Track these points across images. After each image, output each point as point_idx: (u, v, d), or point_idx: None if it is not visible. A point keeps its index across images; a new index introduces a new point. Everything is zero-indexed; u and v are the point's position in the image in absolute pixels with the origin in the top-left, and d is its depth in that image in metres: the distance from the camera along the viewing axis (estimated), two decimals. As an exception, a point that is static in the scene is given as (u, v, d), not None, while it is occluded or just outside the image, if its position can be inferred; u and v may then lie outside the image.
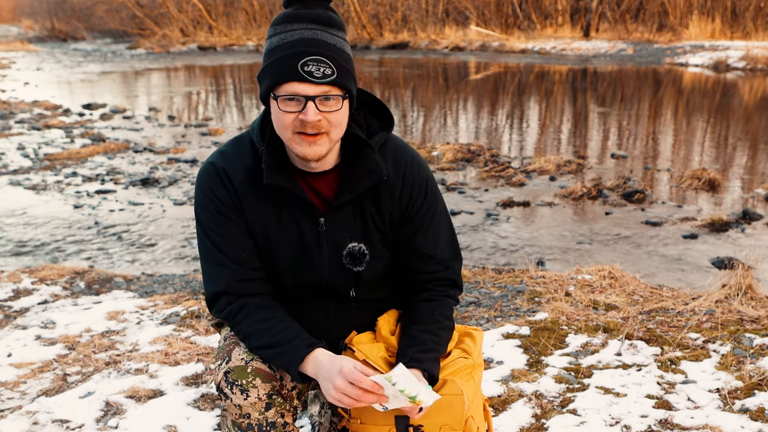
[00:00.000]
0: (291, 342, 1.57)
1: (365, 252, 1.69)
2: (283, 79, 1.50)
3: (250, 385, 1.56)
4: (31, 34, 37.32)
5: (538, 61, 20.65)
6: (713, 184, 6.81)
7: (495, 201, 6.49)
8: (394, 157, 1.70)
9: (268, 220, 1.66)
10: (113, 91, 15.82)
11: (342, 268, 1.69)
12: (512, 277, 4.14)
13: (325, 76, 1.49)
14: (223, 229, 1.66)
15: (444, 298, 1.76)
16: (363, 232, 1.69)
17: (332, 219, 1.67)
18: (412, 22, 27.87)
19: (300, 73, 1.48)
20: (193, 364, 2.95)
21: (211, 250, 1.67)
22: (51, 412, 2.59)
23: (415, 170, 1.72)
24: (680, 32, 22.40)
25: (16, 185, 7.28)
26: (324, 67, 1.49)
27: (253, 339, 1.61)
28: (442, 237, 1.75)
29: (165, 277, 4.44)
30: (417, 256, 1.73)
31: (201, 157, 8.57)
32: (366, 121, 1.71)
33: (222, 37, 29.60)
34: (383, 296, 1.80)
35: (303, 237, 1.67)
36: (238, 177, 1.65)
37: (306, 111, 1.50)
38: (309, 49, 1.49)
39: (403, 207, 1.70)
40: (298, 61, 1.48)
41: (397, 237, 1.73)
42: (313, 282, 1.71)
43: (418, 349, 1.64)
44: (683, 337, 3.07)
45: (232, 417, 1.60)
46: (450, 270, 1.76)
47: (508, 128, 10.91)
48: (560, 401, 2.58)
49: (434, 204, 1.75)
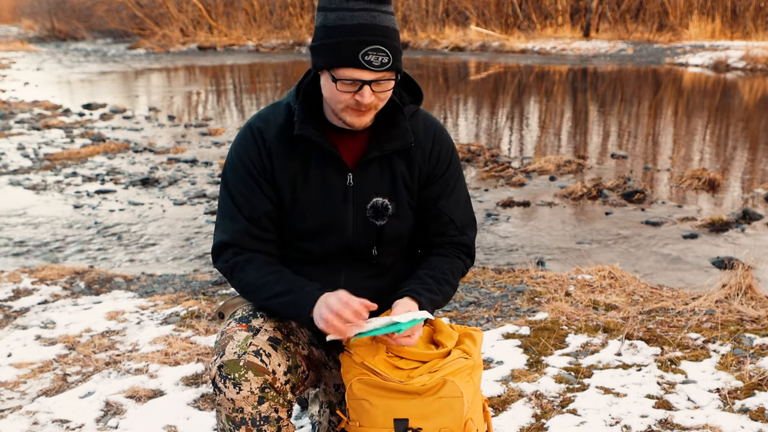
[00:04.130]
0: (302, 289, 1.65)
1: (388, 206, 1.76)
2: (343, 65, 1.57)
3: (243, 379, 1.57)
4: (31, 34, 37.32)
5: (538, 61, 20.65)
6: (713, 184, 6.81)
7: (495, 201, 6.49)
8: (424, 123, 1.81)
9: (297, 175, 1.73)
10: (113, 91, 15.82)
11: (366, 222, 1.75)
12: (512, 277, 4.14)
13: (383, 65, 1.58)
14: (246, 188, 1.73)
15: (456, 258, 1.83)
16: (390, 189, 1.76)
17: (360, 175, 1.74)
18: (412, 22, 27.86)
19: (360, 62, 1.56)
20: (193, 364, 2.95)
21: (228, 205, 1.75)
22: (51, 412, 2.59)
23: (444, 137, 1.83)
24: (680, 32, 22.40)
25: (16, 185, 7.28)
26: (382, 56, 1.57)
27: (264, 289, 1.69)
28: (462, 203, 1.85)
29: (165, 277, 4.44)
30: (438, 218, 1.82)
31: (201, 157, 8.57)
32: (399, 92, 1.79)
33: (222, 37, 29.59)
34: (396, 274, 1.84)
35: (331, 192, 1.74)
36: (270, 135, 1.73)
37: (362, 93, 1.60)
38: (369, 38, 1.56)
39: (432, 166, 1.80)
40: (358, 51, 1.56)
41: (422, 198, 1.81)
42: (336, 241, 1.75)
43: (421, 286, 1.73)
44: (683, 337, 3.07)
45: (225, 411, 1.60)
46: (465, 236, 1.85)
47: (508, 128, 10.91)
48: (560, 401, 2.58)
49: (458, 171, 1.86)
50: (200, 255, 5.18)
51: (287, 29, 29.29)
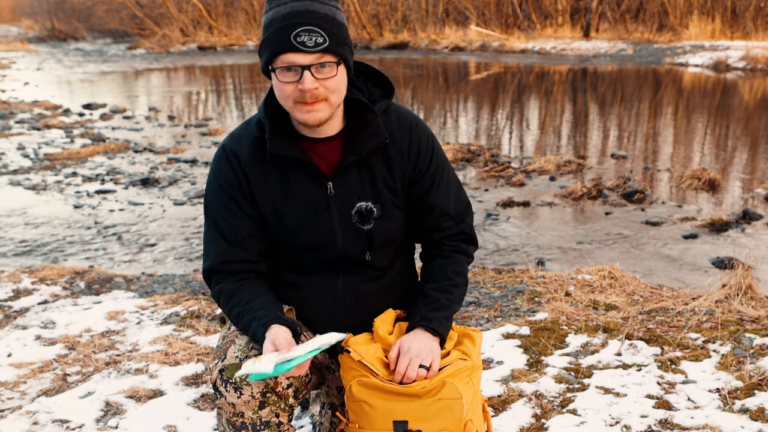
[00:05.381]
0: (250, 329, 1.64)
1: (372, 209, 1.73)
2: (278, 50, 1.55)
3: (244, 383, 1.57)
4: (31, 34, 37.32)
5: (538, 61, 20.64)
6: (713, 184, 6.81)
7: (495, 201, 6.49)
8: (397, 119, 1.76)
9: (276, 192, 1.71)
10: (113, 91, 15.82)
11: (354, 229, 1.73)
12: (512, 277, 4.14)
13: (318, 45, 1.54)
14: (224, 210, 1.72)
15: (456, 254, 1.82)
16: (372, 192, 1.73)
17: (340, 182, 1.71)
18: (412, 22, 27.86)
19: (293, 43, 1.54)
20: (193, 364, 2.95)
21: (211, 230, 1.75)
22: (51, 412, 2.59)
23: (420, 129, 1.78)
24: (680, 32, 22.39)
25: (16, 185, 7.28)
26: (316, 36, 1.54)
27: (236, 325, 1.71)
28: (452, 192, 1.82)
29: (165, 277, 4.44)
30: (431, 213, 1.79)
31: (201, 157, 8.57)
32: (368, 89, 1.76)
33: (222, 37, 29.59)
34: (396, 272, 1.83)
35: (312, 203, 1.71)
36: (245, 154, 1.71)
37: (303, 80, 1.56)
38: (300, 20, 1.54)
39: (413, 164, 1.76)
40: (290, 33, 1.54)
41: (410, 196, 1.78)
42: (328, 253, 1.73)
43: (429, 307, 1.71)
44: (683, 337, 3.07)
45: (226, 415, 1.60)
46: (463, 224, 1.83)
47: (508, 128, 10.91)
48: (560, 401, 2.58)
49: (442, 161, 1.81)
50: (200, 255, 5.17)
51: (287, 29, 29.27)
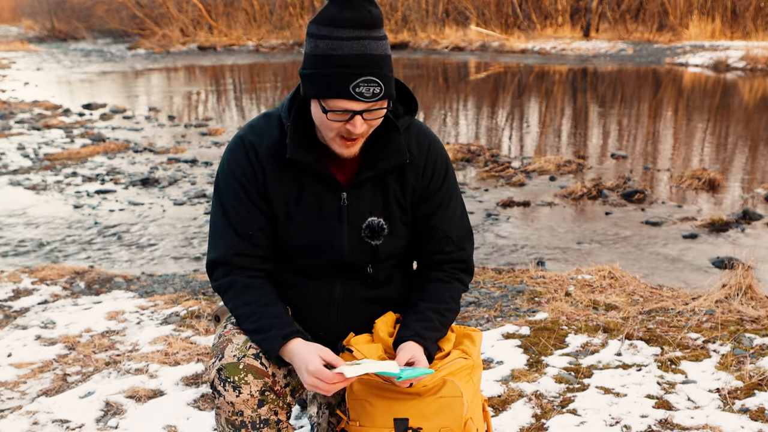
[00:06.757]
0: (269, 331, 1.61)
1: (384, 226, 1.73)
2: (334, 96, 1.54)
3: (242, 382, 1.57)
4: (31, 34, 37.30)
5: (538, 61, 20.64)
6: (713, 184, 6.81)
7: (495, 201, 6.49)
8: (417, 137, 1.76)
9: (290, 194, 1.71)
10: (113, 91, 15.82)
11: (361, 242, 1.73)
12: (512, 277, 4.14)
13: (375, 95, 1.54)
14: (238, 201, 1.71)
15: (455, 281, 1.81)
16: (384, 207, 1.74)
17: (354, 194, 1.71)
18: (412, 22, 27.86)
19: (351, 93, 1.52)
20: (193, 364, 2.95)
21: (220, 219, 1.73)
22: (51, 412, 2.59)
23: (437, 151, 1.78)
24: (680, 32, 22.40)
25: (16, 185, 7.28)
26: (374, 86, 1.53)
27: (241, 321, 1.68)
28: (457, 217, 1.81)
29: (165, 277, 4.44)
30: (433, 235, 1.78)
31: (201, 157, 8.57)
32: (393, 104, 1.75)
33: (222, 37, 29.58)
34: (394, 283, 1.83)
35: (324, 211, 1.71)
36: (263, 150, 1.70)
37: (353, 123, 1.56)
38: (359, 70, 1.52)
39: (425, 184, 1.76)
40: (349, 83, 1.52)
41: (416, 215, 1.78)
42: (331, 258, 1.73)
43: (424, 325, 1.70)
44: (683, 337, 3.07)
45: (225, 414, 1.60)
46: (463, 251, 1.82)
47: (508, 128, 10.91)
48: (560, 401, 2.58)
49: (453, 185, 1.82)
50: (200, 255, 5.18)
51: (287, 29, 29.28)
